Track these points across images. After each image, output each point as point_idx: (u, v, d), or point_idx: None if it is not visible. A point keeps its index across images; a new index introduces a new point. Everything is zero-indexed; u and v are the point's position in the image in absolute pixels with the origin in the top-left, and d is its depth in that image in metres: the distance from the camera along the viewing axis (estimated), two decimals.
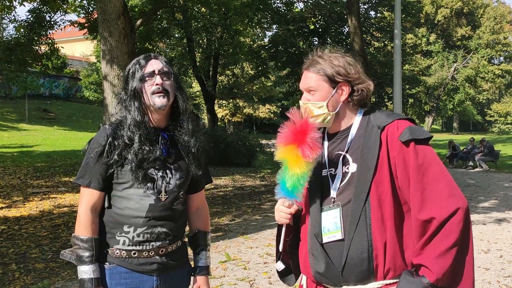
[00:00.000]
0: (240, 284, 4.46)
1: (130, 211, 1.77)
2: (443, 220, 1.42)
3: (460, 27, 40.64)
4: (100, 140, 1.79)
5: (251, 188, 11.28)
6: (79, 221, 1.78)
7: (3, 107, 24.30)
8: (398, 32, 9.97)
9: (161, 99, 1.78)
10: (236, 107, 33.99)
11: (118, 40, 7.21)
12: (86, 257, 1.73)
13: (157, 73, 1.80)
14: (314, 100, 1.64)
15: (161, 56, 1.89)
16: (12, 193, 9.02)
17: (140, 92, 1.79)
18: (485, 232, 6.62)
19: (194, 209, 2.01)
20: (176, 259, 1.87)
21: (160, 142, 1.82)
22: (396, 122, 1.57)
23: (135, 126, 1.77)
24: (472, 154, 17.37)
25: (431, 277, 1.41)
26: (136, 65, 1.83)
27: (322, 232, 1.60)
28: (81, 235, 1.75)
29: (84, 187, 1.79)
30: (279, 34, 19.60)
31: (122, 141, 1.77)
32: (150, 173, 1.77)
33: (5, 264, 4.96)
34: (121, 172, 1.77)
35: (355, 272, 1.53)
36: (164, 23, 16.91)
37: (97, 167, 1.77)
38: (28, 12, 12.32)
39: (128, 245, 1.77)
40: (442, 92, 39.28)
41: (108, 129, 1.81)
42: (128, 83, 1.84)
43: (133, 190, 1.77)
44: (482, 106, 49.17)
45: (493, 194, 10.59)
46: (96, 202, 1.79)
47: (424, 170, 1.49)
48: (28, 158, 13.43)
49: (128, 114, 1.80)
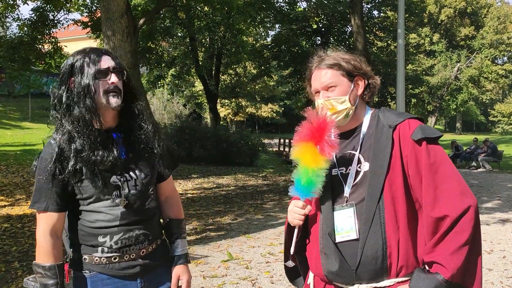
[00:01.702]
0: (242, 283, 4.45)
1: (102, 223, 1.66)
2: (456, 218, 1.44)
3: (464, 27, 40.52)
4: (47, 158, 1.62)
5: (253, 187, 11.28)
6: (39, 248, 1.64)
7: (6, 105, 24.38)
8: (402, 32, 9.94)
9: (115, 99, 1.64)
10: (238, 107, 34.01)
11: (121, 39, 7.22)
12: (50, 285, 1.62)
13: (112, 70, 1.66)
14: (336, 95, 1.63)
15: (111, 52, 1.76)
16: (15, 191, 9.04)
17: (94, 90, 1.61)
18: (488, 233, 6.59)
19: (163, 198, 1.92)
20: (157, 257, 1.80)
21: (113, 143, 1.68)
22: (408, 121, 1.59)
23: (85, 127, 1.60)
24: (475, 155, 17.33)
25: (446, 273, 1.42)
26: (85, 59, 1.63)
27: (335, 231, 1.60)
28: (43, 263, 1.63)
29: (41, 211, 1.64)
30: (282, 34, 19.61)
31: (73, 150, 1.60)
32: (113, 181, 1.66)
33: (8, 262, 4.97)
34: (82, 187, 1.63)
35: (369, 271, 1.54)
36: (167, 22, 16.94)
37: (52, 188, 1.62)
38: (32, 10, 12.36)
39: (107, 252, 1.68)
40: (445, 92, 39.17)
41: (53, 144, 1.64)
42: (71, 78, 1.64)
43: (100, 203, 1.65)
44: (485, 106, 49.06)
45: (496, 194, 10.55)
46: (55, 224, 1.66)
47: (436, 168, 1.51)
48: (31, 157, 13.45)
49: (73, 115, 1.61)
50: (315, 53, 1.72)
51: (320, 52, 1.71)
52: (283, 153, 22.09)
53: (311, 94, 1.74)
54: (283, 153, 22.20)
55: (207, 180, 12.00)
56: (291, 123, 43.60)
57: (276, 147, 25.10)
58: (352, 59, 1.65)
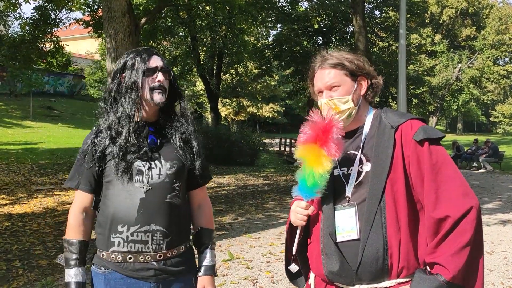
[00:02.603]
0: (242, 283, 4.46)
1: (122, 208, 1.70)
2: (458, 219, 1.44)
3: (465, 28, 40.44)
4: (86, 141, 1.78)
5: (254, 187, 11.28)
6: (68, 224, 1.76)
7: (8, 104, 24.41)
8: (403, 32, 9.93)
9: (160, 96, 1.76)
10: (239, 106, 34.02)
11: (123, 38, 7.22)
12: (71, 260, 1.72)
13: (160, 69, 1.78)
14: (339, 95, 1.63)
15: (160, 53, 1.88)
16: (16, 190, 9.05)
17: (140, 86, 1.75)
18: (489, 234, 6.59)
19: (196, 205, 1.93)
20: (177, 266, 1.76)
21: (147, 135, 1.78)
22: (410, 121, 1.58)
23: (126, 119, 1.74)
24: (476, 155, 17.31)
25: (447, 275, 1.41)
26: (137, 58, 1.78)
27: (336, 231, 1.60)
28: (69, 238, 1.74)
29: (75, 189, 1.78)
30: (284, 33, 19.60)
31: (108, 135, 1.74)
32: (137, 165, 1.72)
33: (9, 261, 4.98)
34: (107, 169, 1.73)
35: (369, 271, 1.54)
36: (168, 22, 16.93)
37: (84, 167, 1.76)
38: (34, 9, 12.36)
39: (123, 246, 1.69)
40: (447, 92, 39.09)
41: (94, 129, 1.80)
42: (123, 74, 1.78)
43: (121, 186, 1.71)
44: (486, 107, 48.93)
45: (497, 195, 10.54)
46: (86, 204, 1.76)
47: (438, 169, 1.50)
48: (32, 155, 13.48)
49: (119, 106, 1.75)
50: (318, 53, 1.71)
51: (323, 52, 1.71)
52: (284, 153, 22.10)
53: (314, 94, 1.74)
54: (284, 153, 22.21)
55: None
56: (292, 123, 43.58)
57: (277, 147, 25.12)
58: (355, 59, 1.64)
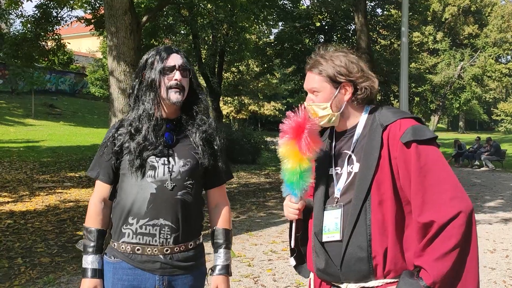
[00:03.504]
0: (244, 280, 4.46)
1: (133, 202, 1.74)
2: (443, 224, 1.40)
3: (468, 26, 40.33)
4: (108, 134, 1.85)
5: (255, 185, 11.28)
6: (88, 212, 1.83)
7: (10, 102, 24.43)
8: (405, 30, 9.91)
9: (177, 95, 1.76)
10: (241, 104, 33.95)
11: (124, 36, 7.23)
12: (89, 247, 1.78)
13: (178, 68, 1.77)
14: (318, 101, 1.64)
15: (182, 51, 1.86)
16: (18, 188, 9.07)
17: (158, 85, 1.76)
18: (491, 232, 6.58)
19: (213, 205, 1.95)
20: (184, 261, 1.77)
21: (164, 131, 1.79)
22: (399, 121, 1.54)
23: (146, 117, 1.77)
24: (478, 154, 17.26)
25: (428, 279, 1.40)
26: (156, 56, 1.79)
27: (323, 231, 1.61)
28: (88, 226, 1.81)
29: (95, 179, 1.85)
30: (285, 31, 19.56)
31: (128, 131, 1.78)
32: (151, 161, 1.74)
33: (11, 258, 4.99)
34: (123, 162, 1.78)
35: (353, 271, 1.54)
36: (170, 20, 16.91)
37: (103, 159, 1.81)
38: (35, 7, 12.36)
39: (132, 237, 1.74)
40: (448, 90, 39.01)
41: (117, 122, 1.87)
42: (144, 72, 1.81)
43: (134, 181, 1.74)
44: (488, 105, 48.78)
45: (499, 193, 10.53)
46: (105, 194, 1.83)
47: (425, 172, 1.46)
48: (34, 153, 13.49)
49: (141, 104, 1.79)
50: (314, 52, 1.70)
51: (319, 50, 1.69)
52: None
53: None
54: None
55: None
56: None
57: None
58: (343, 65, 1.61)
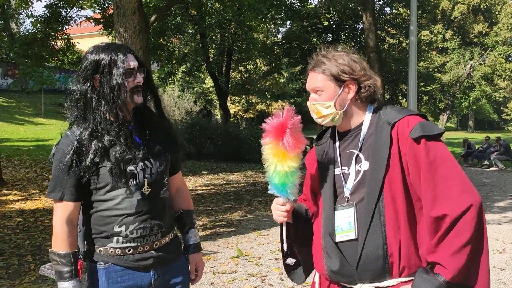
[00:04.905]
0: (251, 279, 4.47)
1: (118, 211, 1.70)
2: (456, 217, 1.42)
3: (477, 24, 39.92)
4: (64, 150, 1.67)
5: (263, 184, 11.28)
6: (55, 236, 1.69)
7: (20, 101, 24.67)
8: (414, 29, 9.84)
9: (140, 97, 1.73)
10: (248, 103, 33.94)
11: (133, 36, 7.26)
12: (65, 272, 1.66)
13: (137, 70, 1.73)
14: (321, 100, 1.64)
15: (132, 49, 1.80)
16: (28, 186, 9.17)
17: (123, 89, 1.68)
18: (501, 232, 6.53)
19: (174, 190, 1.99)
20: (170, 251, 1.84)
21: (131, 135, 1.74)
22: (407, 118, 1.56)
23: (109, 123, 1.67)
24: (488, 153, 17.10)
25: (447, 275, 1.40)
26: (112, 57, 1.67)
27: (336, 231, 1.60)
28: (59, 250, 1.67)
29: (57, 201, 1.69)
30: (293, 30, 19.49)
31: (93, 144, 1.66)
32: (130, 169, 1.69)
33: (21, 256, 5.05)
34: (98, 175, 1.68)
35: (370, 270, 1.53)
36: (178, 19, 16.96)
37: (68, 178, 1.67)
38: (45, 7, 12.46)
39: (122, 242, 1.71)
40: (458, 89, 38.67)
41: (70, 136, 1.69)
42: (95, 75, 1.68)
43: (116, 191, 1.69)
44: (498, 104, 48.27)
45: (509, 193, 10.42)
46: (71, 213, 1.70)
47: (435, 166, 1.48)
48: (43, 152, 13.62)
49: (103, 110, 1.67)
50: (316, 52, 1.70)
51: (321, 50, 1.69)
52: None
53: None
54: None
55: (217, 176, 12.04)
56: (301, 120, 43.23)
57: None
58: (346, 64, 1.62)
